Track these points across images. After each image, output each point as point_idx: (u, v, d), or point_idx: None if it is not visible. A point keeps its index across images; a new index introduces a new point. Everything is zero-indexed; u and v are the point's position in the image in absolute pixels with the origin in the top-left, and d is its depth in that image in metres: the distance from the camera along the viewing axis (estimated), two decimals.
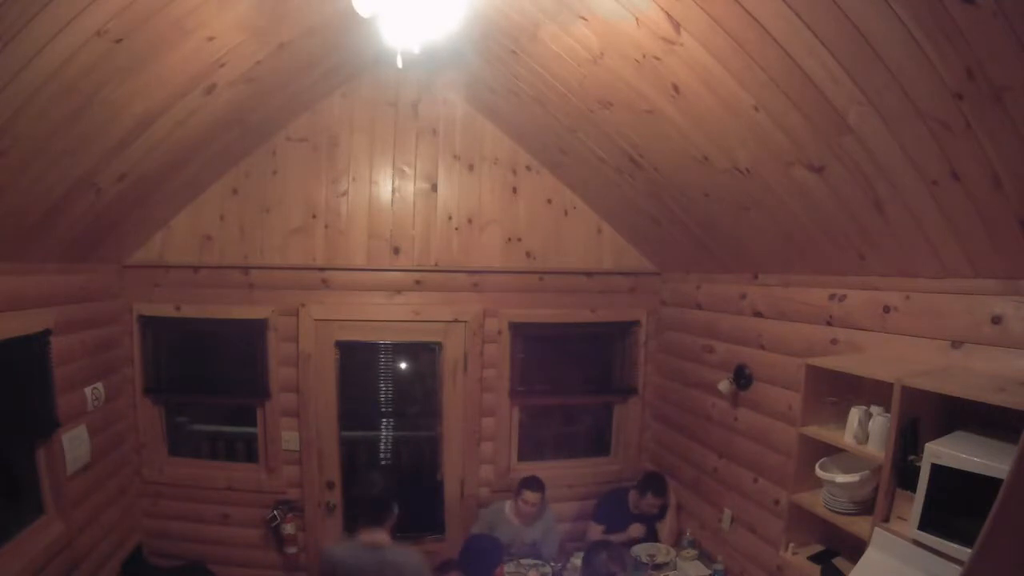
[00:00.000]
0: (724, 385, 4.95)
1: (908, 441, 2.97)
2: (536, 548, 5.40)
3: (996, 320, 2.98)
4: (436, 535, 6.00)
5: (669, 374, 6.07)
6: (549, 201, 5.94)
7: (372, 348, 5.85)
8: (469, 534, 5.29)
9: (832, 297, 3.99)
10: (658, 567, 5.18)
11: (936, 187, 2.80)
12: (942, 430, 2.91)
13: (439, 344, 5.88)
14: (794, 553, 3.82)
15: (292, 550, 5.68)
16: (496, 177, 5.83)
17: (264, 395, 5.65)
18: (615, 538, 5.39)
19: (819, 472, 3.48)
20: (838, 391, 3.60)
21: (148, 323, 5.53)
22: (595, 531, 5.65)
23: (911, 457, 2.95)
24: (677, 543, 5.55)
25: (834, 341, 3.96)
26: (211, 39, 3.49)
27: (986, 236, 2.84)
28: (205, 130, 4.44)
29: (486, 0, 3.74)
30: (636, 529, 5.58)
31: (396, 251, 5.70)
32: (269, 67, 4.16)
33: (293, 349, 5.63)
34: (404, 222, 5.70)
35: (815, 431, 3.57)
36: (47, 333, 4.40)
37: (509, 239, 5.88)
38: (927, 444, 2.79)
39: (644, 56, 3.38)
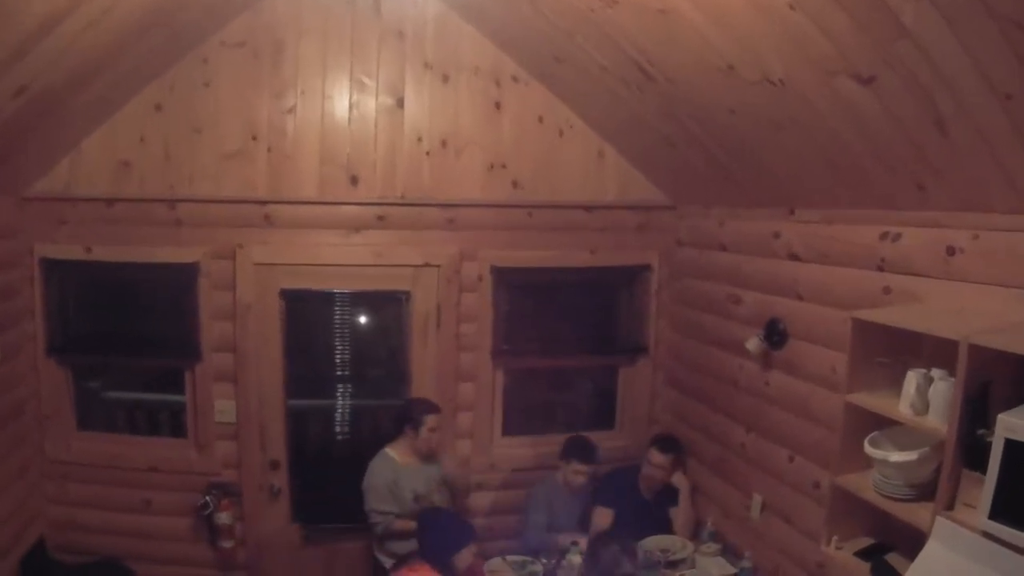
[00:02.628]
0: (753, 343, 4.95)
1: (977, 411, 2.95)
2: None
3: None
4: None
5: (686, 330, 6.09)
6: (540, 119, 5.90)
7: (325, 298, 5.87)
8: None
9: (884, 236, 3.97)
10: (672, 564, 5.19)
11: (1011, 101, 2.76)
12: (1018, 398, 2.90)
13: (406, 293, 5.89)
14: (838, 547, 3.81)
15: (228, 544, 5.71)
16: (476, 90, 5.79)
17: (194, 356, 5.64)
18: (568, 536, 5.43)
19: (868, 449, 3.46)
20: (892, 350, 3.57)
21: (53, 268, 5.50)
22: (604, 516, 5.69)
23: (980, 431, 2.93)
24: (695, 535, 5.60)
25: (887, 290, 3.95)
26: None
27: None
28: (122, 33, 4.38)
29: None
30: (602, 516, 5.63)
31: (354, 180, 5.68)
32: None
33: (229, 300, 5.62)
34: (364, 145, 5.67)
35: (864, 399, 3.57)
36: None
37: (492, 166, 5.86)
38: (1000, 415, 2.77)
39: None
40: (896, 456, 3.35)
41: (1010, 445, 2.71)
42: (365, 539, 5.62)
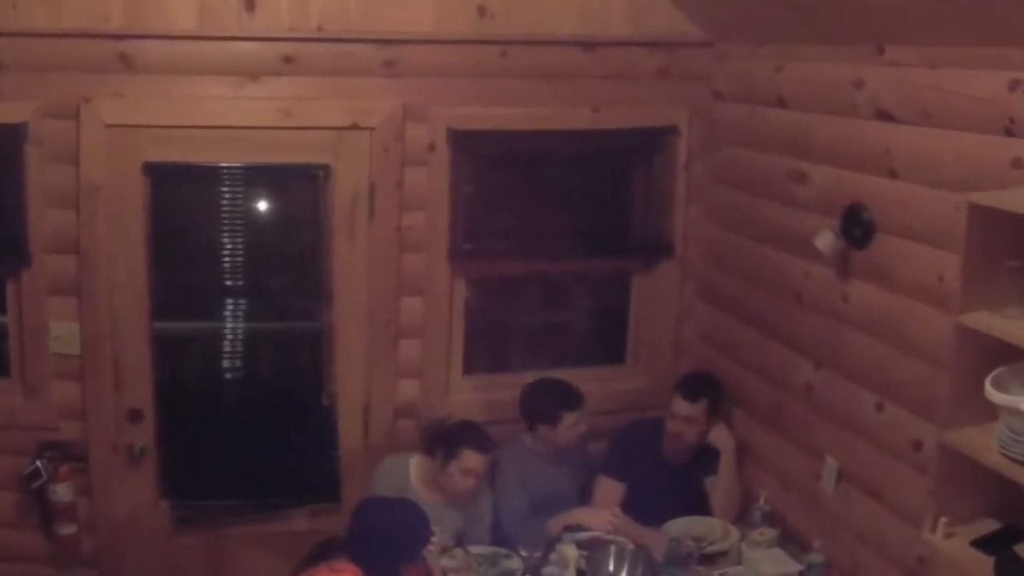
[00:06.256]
0: (826, 239, 4.87)
1: None
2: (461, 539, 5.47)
3: None
4: (324, 502, 6.06)
5: (728, 221, 6.16)
6: None
7: (209, 176, 5.78)
8: (364, 499, 5.27)
9: (1014, 86, 3.80)
10: (710, 558, 5.24)
11: None
12: None
13: (325, 168, 5.81)
14: (948, 534, 3.75)
15: (68, 529, 5.65)
16: None
17: (19, 258, 5.52)
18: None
19: (990, 392, 3.36)
20: None
21: None
22: (611, 491, 5.77)
23: None
24: (742, 516, 5.68)
25: (1017, 163, 3.79)
26: None
27: None
28: None
29: None
30: (608, 491, 5.70)
31: (250, 5, 5.49)
32: None
33: (71, 177, 5.50)
34: None
35: (984, 320, 3.45)
36: None
37: None
38: None
39: None
40: None
41: None
42: (263, 521, 5.73)
